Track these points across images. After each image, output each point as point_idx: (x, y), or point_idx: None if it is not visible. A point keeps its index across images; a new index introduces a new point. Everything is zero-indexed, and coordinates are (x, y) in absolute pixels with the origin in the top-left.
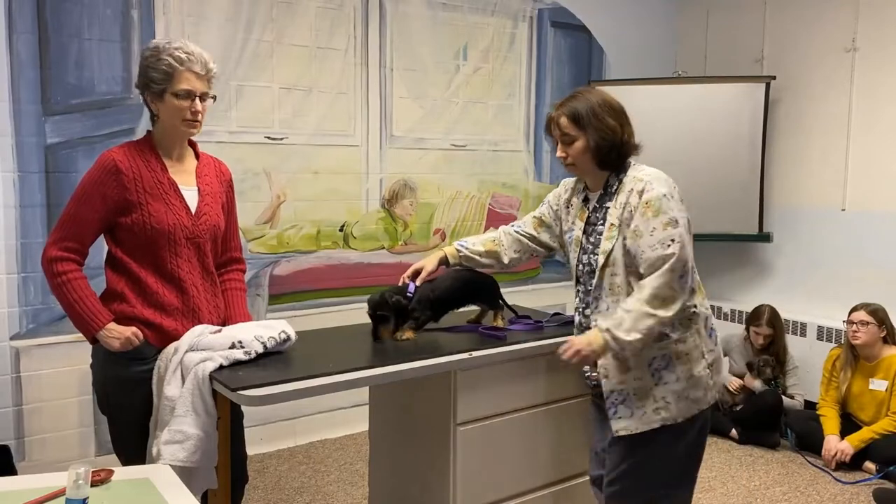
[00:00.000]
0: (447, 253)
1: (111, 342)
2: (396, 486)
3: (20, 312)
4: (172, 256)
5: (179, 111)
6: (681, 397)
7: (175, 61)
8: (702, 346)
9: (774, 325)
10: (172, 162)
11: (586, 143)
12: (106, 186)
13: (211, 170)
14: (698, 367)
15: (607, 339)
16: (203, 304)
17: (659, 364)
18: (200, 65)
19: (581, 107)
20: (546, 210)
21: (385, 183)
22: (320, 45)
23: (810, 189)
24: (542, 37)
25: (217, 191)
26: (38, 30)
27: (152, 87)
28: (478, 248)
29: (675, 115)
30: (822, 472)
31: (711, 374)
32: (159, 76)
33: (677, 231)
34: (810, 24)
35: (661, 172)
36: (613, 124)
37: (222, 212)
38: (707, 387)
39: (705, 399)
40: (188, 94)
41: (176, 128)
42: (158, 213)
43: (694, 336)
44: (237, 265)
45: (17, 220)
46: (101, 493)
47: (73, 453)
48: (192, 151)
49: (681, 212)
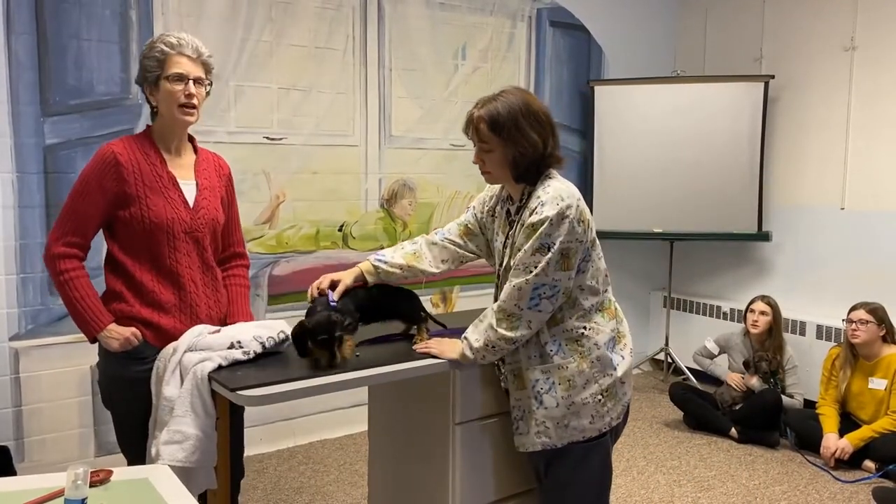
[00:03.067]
0: (363, 270)
1: (110, 343)
2: (396, 485)
3: (19, 313)
4: (171, 251)
5: (173, 95)
6: (559, 424)
7: (166, 46)
8: (591, 372)
9: (772, 306)
10: (171, 156)
11: (504, 155)
12: (105, 178)
13: (210, 164)
14: (583, 394)
15: (464, 346)
16: (201, 299)
17: (542, 387)
18: (192, 49)
19: (503, 114)
20: (471, 218)
21: (384, 183)
22: (319, 45)
23: (809, 188)
24: (540, 36)
25: (216, 185)
26: (37, 31)
27: (147, 76)
28: (397, 261)
29: (674, 115)
30: (822, 470)
31: (605, 402)
32: (152, 64)
33: (543, 258)
34: (809, 23)
35: (565, 188)
36: (535, 139)
37: (221, 206)
38: (597, 415)
39: (594, 428)
40: (180, 77)
41: (173, 116)
42: (157, 206)
43: (579, 360)
44: (240, 260)
45: (15, 220)
46: (100, 493)
47: (73, 454)
48: (190, 146)
49: (563, 234)
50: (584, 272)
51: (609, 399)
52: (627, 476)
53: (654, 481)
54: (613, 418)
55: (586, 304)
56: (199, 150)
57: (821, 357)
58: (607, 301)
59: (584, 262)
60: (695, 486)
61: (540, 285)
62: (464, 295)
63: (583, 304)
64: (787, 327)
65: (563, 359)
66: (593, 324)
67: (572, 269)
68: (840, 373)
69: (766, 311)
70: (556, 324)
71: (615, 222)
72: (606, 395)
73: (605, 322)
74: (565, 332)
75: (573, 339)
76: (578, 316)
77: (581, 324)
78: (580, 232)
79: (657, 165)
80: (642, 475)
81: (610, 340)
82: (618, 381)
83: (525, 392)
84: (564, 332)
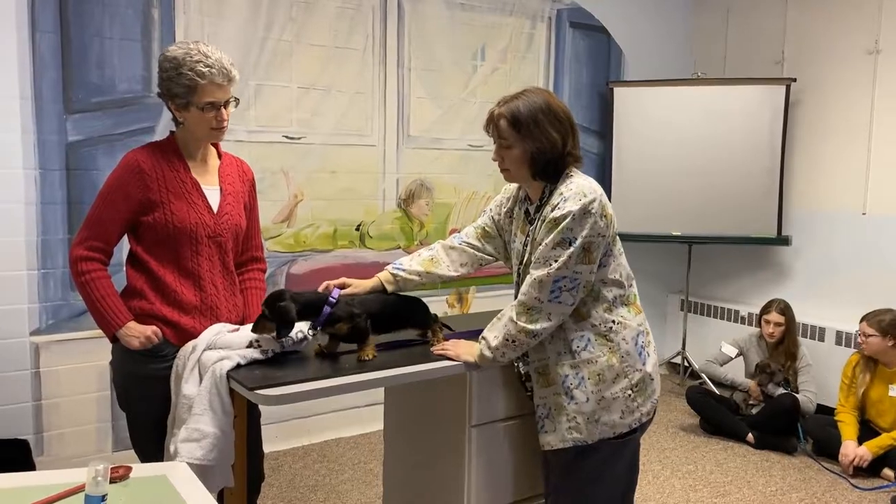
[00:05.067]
0: (382, 279)
1: (130, 341)
2: (411, 486)
3: (40, 308)
4: (193, 254)
5: (206, 122)
6: (590, 419)
7: (197, 76)
8: (620, 367)
9: (786, 314)
10: (196, 162)
11: (523, 152)
12: (129, 186)
13: (234, 169)
14: (613, 388)
15: (482, 346)
16: (222, 302)
17: (571, 382)
18: (222, 76)
19: (524, 111)
20: (488, 220)
21: (401, 183)
22: (339, 44)
23: (830, 192)
24: (560, 37)
25: (239, 190)
26: (61, 29)
27: (176, 100)
28: (415, 269)
29: (693, 117)
30: (840, 478)
31: (635, 397)
32: (182, 90)
33: (565, 252)
34: (832, 26)
35: (588, 185)
36: (555, 137)
37: (244, 211)
38: (627, 410)
39: (624, 423)
40: (213, 105)
41: (205, 137)
42: (181, 211)
43: (609, 355)
44: (257, 264)
45: (37, 216)
46: (120, 489)
47: (91, 449)
48: (214, 151)
49: (586, 229)
50: (606, 266)
51: (639, 394)
52: (643, 480)
53: (670, 485)
54: (644, 414)
55: (610, 295)
56: (222, 155)
57: (839, 363)
58: (632, 296)
59: (606, 256)
60: (710, 492)
61: (561, 278)
62: (480, 296)
63: (606, 296)
64: (805, 332)
65: (593, 353)
66: (620, 317)
67: (594, 263)
68: (859, 379)
69: (781, 321)
70: (583, 318)
71: (633, 224)
72: (636, 391)
73: (631, 316)
74: (594, 327)
75: (601, 333)
76: (605, 308)
77: (609, 317)
78: (602, 227)
79: (676, 167)
80: (658, 479)
81: (638, 335)
82: (647, 376)
83: (553, 389)
84: (593, 326)
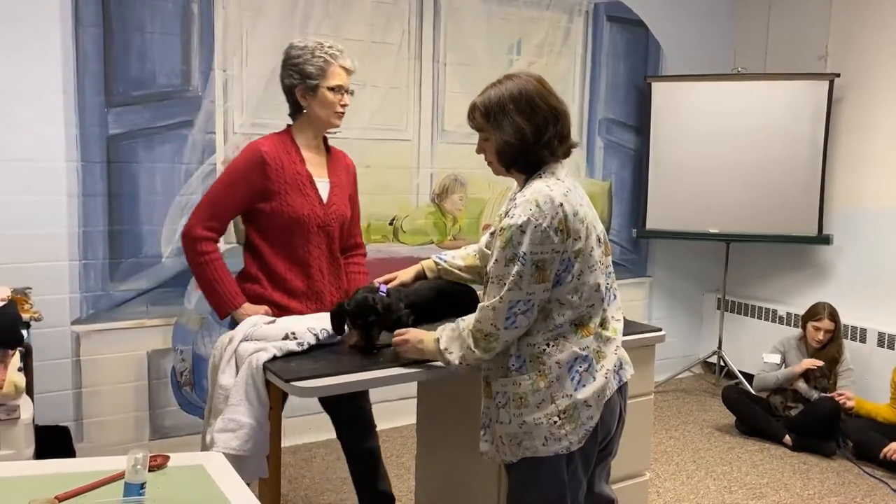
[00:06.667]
0: (425, 266)
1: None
2: (443, 481)
3: (81, 298)
4: (304, 242)
5: (332, 105)
6: (513, 441)
7: (330, 57)
8: (547, 392)
9: (835, 320)
10: (310, 155)
11: (494, 143)
12: (251, 174)
13: (340, 163)
14: (536, 413)
15: (438, 342)
16: (326, 287)
17: (500, 400)
18: (350, 61)
19: (493, 99)
20: None
21: (435, 178)
22: (375, 39)
23: (874, 190)
24: (597, 31)
25: (345, 182)
26: (103, 23)
27: (308, 82)
28: (457, 262)
29: (733, 113)
30: (881, 483)
31: (562, 424)
32: (315, 71)
33: (514, 269)
34: (878, 20)
35: (546, 192)
36: (520, 126)
37: (349, 202)
38: (551, 437)
39: (548, 450)
40: (340, 88)
41: (329, 121)
42: (295, 202)
43: (536, 378)
44: (359, 250)
45: (79, 208)
46: (158, 478)
47: (129, 437)
48: (322, 145)
49: (534, 245)
50: (562, 284)
51: (568, 422)
52: (676, 480)
53: (704, 486)
54: (573, 442)
55: (559, 319)
56: (330, 149)
57: (881, 365)
58: (587, 317)
59: (564, 272)
60: (746, 494)
61: (515, 302)
62: None
63: (555, 319)
64: (846, 334)
65: (521, 375)
66: (560, 340)
67: (548, 281)
68: None
69: (831, 328)
70: (524, 336)
71: (670, 221)
72: (564, 417)
73: (575, 340)
74: (529, 347)
75: (535, 355)
76: (547, 331)
77: (547, 338)
78: (557, 242)
79: (714, 164)
80: (692, 479)
81: (575, 360)
82: (580, 404)
83: (491, 402)
84: (528, 346)
